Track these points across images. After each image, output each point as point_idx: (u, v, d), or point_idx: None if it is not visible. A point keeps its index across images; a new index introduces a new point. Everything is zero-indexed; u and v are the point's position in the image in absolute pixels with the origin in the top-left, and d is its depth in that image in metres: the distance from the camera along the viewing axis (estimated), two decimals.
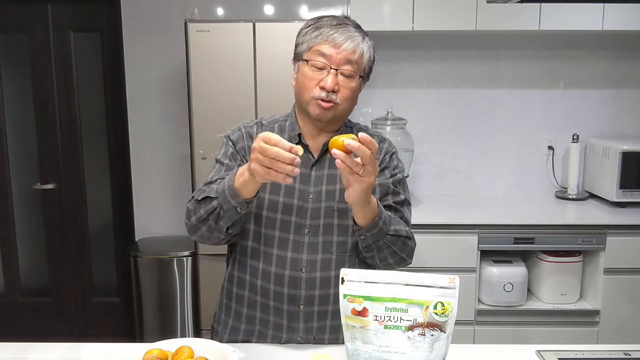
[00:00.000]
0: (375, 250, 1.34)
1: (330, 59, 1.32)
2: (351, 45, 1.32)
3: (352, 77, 1.34)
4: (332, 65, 1.32)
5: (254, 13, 3.14)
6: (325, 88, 1.32)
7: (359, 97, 1.41)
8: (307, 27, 1.38)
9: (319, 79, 1.33)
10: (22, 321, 3.49)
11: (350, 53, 1.32)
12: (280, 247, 1.39)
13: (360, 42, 1.34)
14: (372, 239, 1.31)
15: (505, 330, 2.78)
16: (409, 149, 3.02)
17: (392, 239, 1.33)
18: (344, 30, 1.33)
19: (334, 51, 1.32)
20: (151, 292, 3.03)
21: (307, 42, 1.36)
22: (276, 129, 1.45)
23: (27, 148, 3.36)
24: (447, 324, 1.07)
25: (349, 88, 1.35)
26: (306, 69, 1.35)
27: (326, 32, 1.33)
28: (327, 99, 1.33)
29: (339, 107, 1.35)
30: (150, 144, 3.28)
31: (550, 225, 2.73)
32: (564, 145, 3.25)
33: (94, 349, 1.39)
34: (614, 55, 3.20)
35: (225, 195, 1.25)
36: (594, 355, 1.35)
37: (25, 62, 3.29)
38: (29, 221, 3.44)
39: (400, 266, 1.39)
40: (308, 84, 1.35)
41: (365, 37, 1.37)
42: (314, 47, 1.34)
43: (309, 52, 1.35)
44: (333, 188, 1.40)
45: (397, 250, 1.34)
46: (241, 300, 1.45)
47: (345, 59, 1.32)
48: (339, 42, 1.32)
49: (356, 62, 1.34)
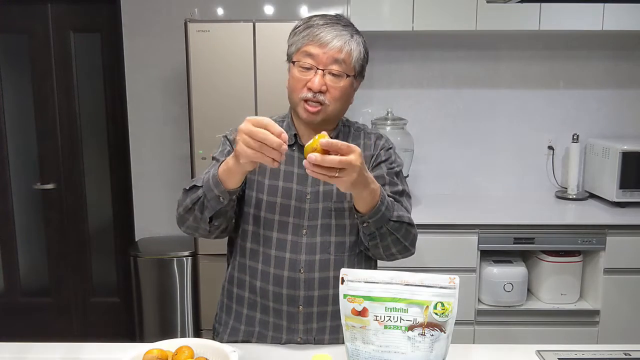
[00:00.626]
0: (379, 238, 1.30)
1: (317, 58, 1.31)
2: (338, 44, 1.30)
3: (340, 76, 1.32)
4: (318, 65, 1.31)
5: (254, 13, 3.14)
6: (312, 89, 1.31)
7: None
8: (296, 28, 1.37)
9: (307, 79, 1.32)
10: (22, 321, 3.49)
11: (336, 52, 1.30)
12: (278, 248, 1.39)
13: (348, 40, 1.32)
14: (375, 226, 1.27)
15: (505, 330, 2.78)
16: (409, 149, 3.02)
17: (395, 225, 1.29)
18: (330, 29, 1.31)
19: (320, 51, 1.31)
20: (151, 292, 3.03)
21: (296, 43, 1.35)
22: None
23: (27, 148, 3.36)
24: (447, 324, 1.07)
25: (338, 88, 1.33)
26: (295, 70, 1.35)
27: (313, 32, 1.32)
28: (314, 100, 1.32)
29: (328, 108, 1.34)
30: (150, 144, 3.28)
31: (550, 225, 2.73)
32: (564, 145, 3.25)
33: (94, 349, 1.39)
34: (614, 56, 3.20)
35: (209, 183, 1.24)
36: (594, 355, 1.35)
37: (25, 62, 3.29)
38: (29, 221, 3.44)
39: (404, 256, 1.36)
40: (296, 86, 1.34)
41: (355, 35, 1.35)
42: (302, 48, 1.33)
43: (297, 53, 1.35)
44: (330, 188, 1.40)
45: (400, 237, 1.31)
46: (241, 300, 1.45)
47: (332, 58, 1.31)
48: (325, 42, 1.30)
49: (344, 61, 1.32)
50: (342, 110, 1.39)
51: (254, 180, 1.41)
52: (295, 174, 1.41)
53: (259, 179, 1.41)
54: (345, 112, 1.42)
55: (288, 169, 1.41)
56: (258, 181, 1.41)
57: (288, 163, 1.41)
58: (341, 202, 1.39)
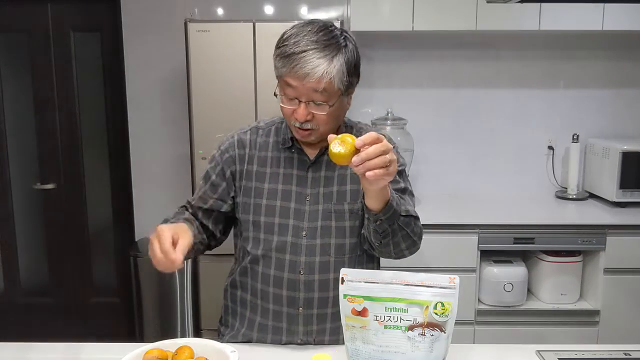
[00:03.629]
0: (391, 235, 1.27)
1: (298, 91, 1.28)
2: (316, 74, 1.24)
3: (323, 105, 1.29)
4: (300, 97, 1.28)
5: (254, 13, 3.14)
6: (298, 120, 1.30)
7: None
8: (276, 49, 1.32)
9: (292, 109, 1.31)
10: (22, 321, 3.49)
11: (315, 83, 1.25)
12: (278, 250, 1.38)
13: (326, 67, 1.25)
14: (388, 223, 1.24)
15: (505, 330, 2.78)
16: (409, 149, 3.02)
17: (405, 219, 1.27)
18: (306, 59, 1.25)
19: (299, 83, 1.26)
20: (151, 292, 3.03)
21: (277, 69, 1.32)
22: (273, 131, 1.45)
23: (27, 148, 3.36)
24: (447, 324, 1.07)
25: (323, 115, 1.30)
26: (281, 98, 1.33)
27: (289, 63, 1.27)
28: (303, 128, 1.32)
29: (319, 131, 1.33)
30: (150, 144, 3.28)
31: (550, 225, 2.73)
32: (564, 145, 3.25)
33: (94, 349, 1.39)
34: (614, 55, 3.20)
35: None
36: (594, 355, 1.35)
37: (25, 62, 3.29)
38: (29, 221, 3.44)
39: (412, 252, 1.35)
40: (285, 113, 1.34)
41: (338, 54, 1.27)
42: (282, 77, 1.30)
43: (280, 80, 1.33)
44: (330, 190, 1.39)
45: (410, 232, 1.29)
46: (244, 303, 1.45)
47: (312, 89, 1.26)
48: (302, 74, 1.25)
49: (325, 89, 1.26)
50: (335, 126, 1.38)
51: (251, 187, 1.41)
52: (295, 176, 1.40)
53: (257, 184, 1.41)
54: (340, 123, 1.41)
55: (287, 172, 1.41)
56: (256, 187, 1.41)
57: (287, 165, 1.41)
58: (341, 204, 1.38)
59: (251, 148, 1.43)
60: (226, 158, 1.43)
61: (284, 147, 1.42)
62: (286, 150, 1.42)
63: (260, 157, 1.42)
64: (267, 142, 1.44)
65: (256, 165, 1.42)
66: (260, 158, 1.42)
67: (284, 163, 1.42)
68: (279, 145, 1.42)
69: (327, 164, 1.40)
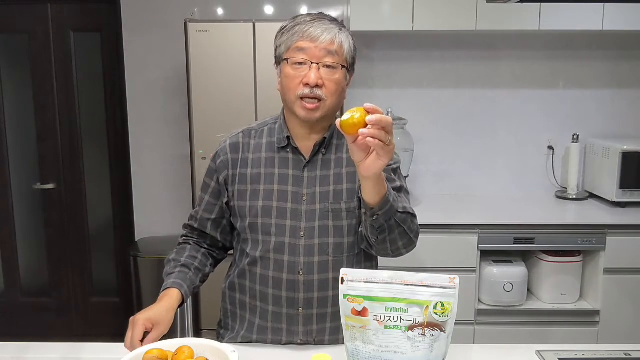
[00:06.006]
0: (387, 231, 1.26)
1: (310, 52, 1.31)
2: (328, 36, 1.31)
3: (335, 68, 1.32)
4: (312, 59, 1.31)
5: (254, 13, 3.14)
6: (309, 84, 1.30)
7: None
8: (283, 29, 1.37)
9: (302, 76, 1.31)
10: (22, 321, 3.49)
11: (328, 44, 1.31)
12: (277, 251, 1.38)
13: (337, 32, 1.33)
14: (385, 218, 1.23)
15: (505, 330, 2.78)
16: (409, 149, 3.02)
17: (402, 216, 1.27)
18: (319, 24, 1.32)
19: (312, 45, 1.31)
20: (151, 292, 3.03)
21: (285, 42, 1.34)
22: (266, 132, 1.45)
23: (27, 148, 3.36)
24: (447, 324, 1.07)
25: (334, 80, 1.33)
26: (288, 68, 1.34)
27: (302, 29, 1.32)
28: (312, 96, 1.31)
29: (326, 103, 1.33)
30: (150, 144, 3.28)
31: (550, 225, 2.73)
32: (564, 145, 3.25)
33: (94, 349, 1.39)
34: (614, 55, 3.20)
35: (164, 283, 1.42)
36: (594, 355, 1.35)
37: (25, 62, 3.29)
38: (29, 221, 3.44)
39: (408, 250, 1.34)
40: (291, 84, 1.33)
41: (342, 29, 1.36)
42: (292, 45, 1.33)
43: (288, 51, 1.34)
44: (327, 189, 1.39)
45: (406, 229, 1.29)
46: (243, 305, 1.45)
47: (325, 51, 1.31)
48: (315, 36, 1.30)
49: (336, 52, 1.32)
50: (338, 105, 1.39)
51: (246, 190, 1.41)
52: (290, 176, 1.40)
53: (253, 187, 1.40)
54: (340, 108, 1.42)
55: (283, 172, 1.40)
56: (252, 190, 1.40)
57: (282, 165, 1.40)
58: (338, 203, 1.38)
59: (244, 151, 1.43)
60: (219, 164, 1.44)
61: (279, 146, 1.41)
62: (281, 151, 1.41)
63: (255, 159, 1.42)
64: (260, 144, 1.43)
65: (250, 167, 1.41)
66: (255, 160, 1.42)
67: (279, 163, 1.41)
68: (273, 146, 1.42)
69: (322, 164, 1.40)
